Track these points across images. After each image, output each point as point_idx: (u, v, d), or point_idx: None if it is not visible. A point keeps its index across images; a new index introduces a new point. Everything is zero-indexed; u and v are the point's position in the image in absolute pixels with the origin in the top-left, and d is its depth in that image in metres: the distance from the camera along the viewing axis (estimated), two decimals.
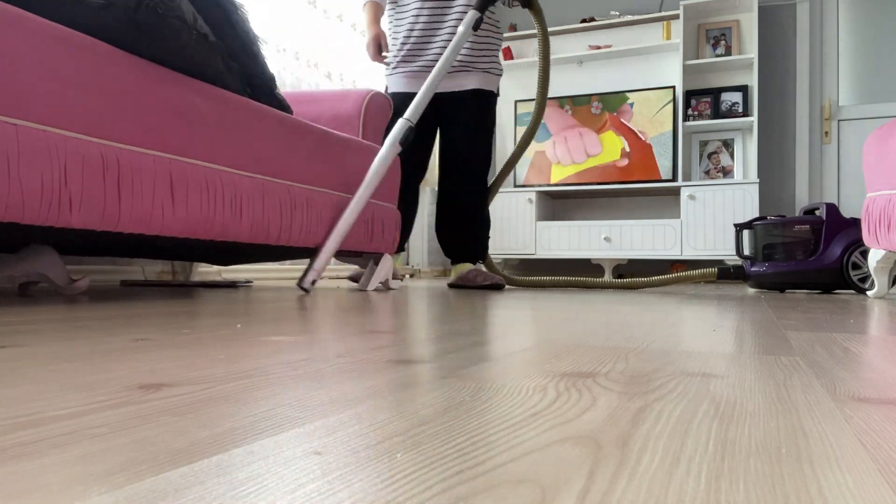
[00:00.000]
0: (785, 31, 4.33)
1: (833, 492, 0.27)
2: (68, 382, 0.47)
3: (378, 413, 0.40)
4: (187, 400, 0.42)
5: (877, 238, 1.95)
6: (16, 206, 1.06)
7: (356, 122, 2.25)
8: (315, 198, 1.86)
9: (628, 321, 1.09)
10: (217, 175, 1.48)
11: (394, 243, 2.32)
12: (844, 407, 0.44)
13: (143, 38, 1.28)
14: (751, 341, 0.82)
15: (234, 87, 1.60)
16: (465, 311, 1.27)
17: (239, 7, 1.71)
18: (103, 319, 0.94)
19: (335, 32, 3.53)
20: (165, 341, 0.71)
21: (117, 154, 1.23)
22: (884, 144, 1.89)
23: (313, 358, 0.61)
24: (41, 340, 0.70)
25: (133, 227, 1.29)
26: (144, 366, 0.55)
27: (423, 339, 0.78)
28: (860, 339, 0.85)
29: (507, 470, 0.29)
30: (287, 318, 1.03)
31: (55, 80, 1.11)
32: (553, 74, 4.81)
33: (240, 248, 1.92)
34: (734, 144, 4.36)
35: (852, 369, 0.60)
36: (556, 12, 4.87)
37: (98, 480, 0.27)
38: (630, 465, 0.30)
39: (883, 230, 1.87)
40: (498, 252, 4.54)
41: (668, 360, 0.63)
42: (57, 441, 0.32)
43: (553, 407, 0.42)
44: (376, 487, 0.26)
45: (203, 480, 0.27)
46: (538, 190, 4.49)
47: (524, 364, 0.60)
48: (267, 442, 0.33)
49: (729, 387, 0.50)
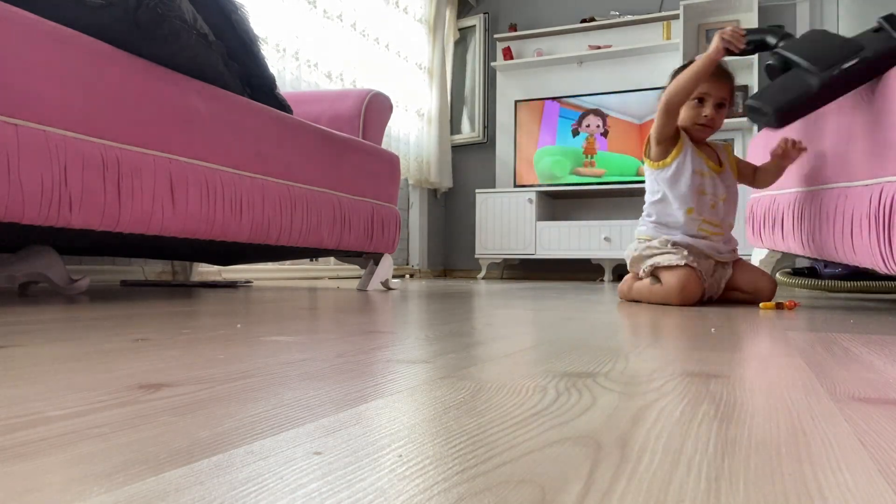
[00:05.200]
0: None
1: (833, 492, 0.27)
2: (68, 382, 0.47)
3: (378, 413, 0.40)
4: (187, 400, 0.42)
5: (760, 237, 1.99)
6: (16, 206, 1.06)
7: (356, 122, 2.25)
8: (315, 198, 1.85)
9: (629, 321, 1.09)
10: (217, 175, 1.48)
11: (394, 243, 2.32)
12: (844, 407, 0.43)
13: (143, 38, 1.28)
14: (750, 342, 0.82)
15: (234, 87, 1.60)
16: (465, 311, 1.27)
17: (239, 7, 1.71)
18: (103, 319, 0.94)
19: (335, 32, 3.53)
20: (165, 341, 0.71)
21: (117, 154, 1.23)
22: (769, 146, 1.91)
23: (313, 358, 0.61)
24: (41, 340, 0.70)
25: (133, 227, 1.29)
26: (144, 366, 0.55)
27: (423, 339, 0.78)
28: (860, 340, 0.85)
29: (507, 470, 0.29)
30: (287, 318, 1.03)
31: (55, 80, 1.11)
32: (553, 74, 4.81)
33: (240, 248, 1.92)
34: (734, 144, 4.36)
35: (852, 369, 0.60)
36: (556, 12, 4.87)
37: (98, 480, 0.27)
38: (630, 465, 0.30)
39: (767, 230, 1.91)
40: (498, 252, 4.54)
41: (668, 360, 0.63)
42: (57, 441, 0.32)
43: (553, 407, 0.42)
44: (376, 487, 0.26)
45: (203, 480, 0.27)
46: (538, 190, 4.49)
47: (524, 364, 0.60)
48: (267, 442, 0.33)
49: (729, 387, 0.50)
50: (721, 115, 1.67)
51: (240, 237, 1.58)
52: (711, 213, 1.68)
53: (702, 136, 1.70)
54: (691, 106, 1.67)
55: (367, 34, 3.87)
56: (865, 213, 1.26)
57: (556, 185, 4.52)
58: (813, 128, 1.60)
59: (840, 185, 1.41)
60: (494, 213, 4.55)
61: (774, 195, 1.88)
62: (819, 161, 1.55)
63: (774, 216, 1.85)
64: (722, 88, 1.65)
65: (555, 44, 4.77)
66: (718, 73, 1.64)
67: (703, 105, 1.66)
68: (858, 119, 1.34)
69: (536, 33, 4.77)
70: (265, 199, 1.64)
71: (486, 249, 4.57)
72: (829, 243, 1.45)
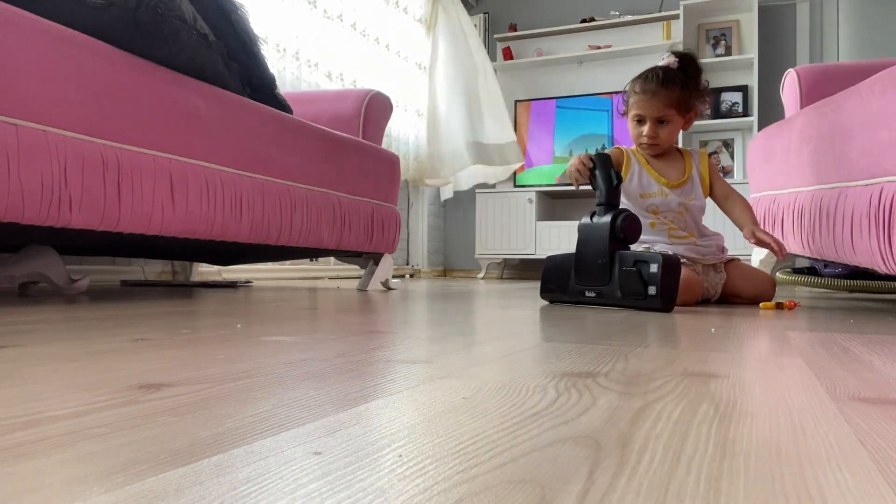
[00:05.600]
0: (785, 31, 4.33)
1: (833, 492, 0.27)
2: (68, 382, 0.47)
3: (378, 413, 0.40)
4: (187, 400, 0.42)
5: None
6: (16, 206, 1.06)
7: (356, 122, 2.25)
8: (315, 198, 1.85)
9: (629, 321, 1.09)
10: (217, 175, 1.48)
11: (394, 243, 2.32)
12: (844, 407, 0.43)
13: (143, 38, 1.28)
14: (750, 342, 0.82)
15: (234, 88, 1.60)
16: (465, 311, 1.27)
17: (239, 7, 1.71)
18: (103, 319, 0.94)
19: (335, 32, 3.53)
20: (165, 341, 0.71)
21: (117, 154, 1.23)
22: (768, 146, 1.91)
23: (313, 358, 0.61)
24: (41, 340, 0.70)
25: (133, 227, 1.29)
26: (144, 366, 0.55)
27: (423, 339, 0.78)
28: (859, 340, 0.85)
29: (508, 470, 0.29)
30: (287, 318, 1.03)
31: (55, 80, 1.11)
32: (553, 74, 4.81)
33: (240, 248, 1.92)
34: (734, 144, 4.36)
35: (852, 369, 0.60)
36: (556, 12, 4.87)
37: (98, 480, 0.27)
38: (630, 465, 0.30)
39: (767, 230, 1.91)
40: (498, 252, 4.54)
41: (668, 360, 0.63)
42: (57, 441, 0.32)
43: (553, 407, 0.42)
44: (376, 487, 0.26)
45: (203, 480, 0.27)
46: (538, 190, 4.49)
47: (524, 364, 0.60)
48: (267, 442, 0.33)
49: (729, 387, 0.50)
50: (667, 128, 1.64)
51: (240, 237, 1.58)
52: (675, 225, 1.67)
53: (651, 152, 1.69)
54: (633, 126, 1.67)
55: (368, 34, 3.87)
56: (865, 212, 1.26)
57: (555, 185, 4.52)
58: (813, 127, 1.60)
59: (840, 185, 1.41)
60: (494, 213, 4.55)
61: (774, 195, 1.88)
62: (819, 161, 1.55)
63: (774, 216, 1.86)
64: (654, 107, 1.62)
65: (555, 44, 4.78)
66: (649, 90, 1.62)
67: (642, 125, 1.65)
68: (858, 119, 1.34)
69: (536, 33, 4.77)
70: (265, 199, 1.64)
71: (487, 249, 4.57)
72: (829, 243, 1.45)
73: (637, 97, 1.64)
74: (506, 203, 4.52)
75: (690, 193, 1.70)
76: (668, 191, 1.68)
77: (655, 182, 1.69)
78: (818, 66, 2.15)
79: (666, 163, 1.72)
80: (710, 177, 1.73)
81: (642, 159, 1.72)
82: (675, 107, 1.63)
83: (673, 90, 1.61)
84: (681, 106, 1.64)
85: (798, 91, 2.08)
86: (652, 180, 1.69)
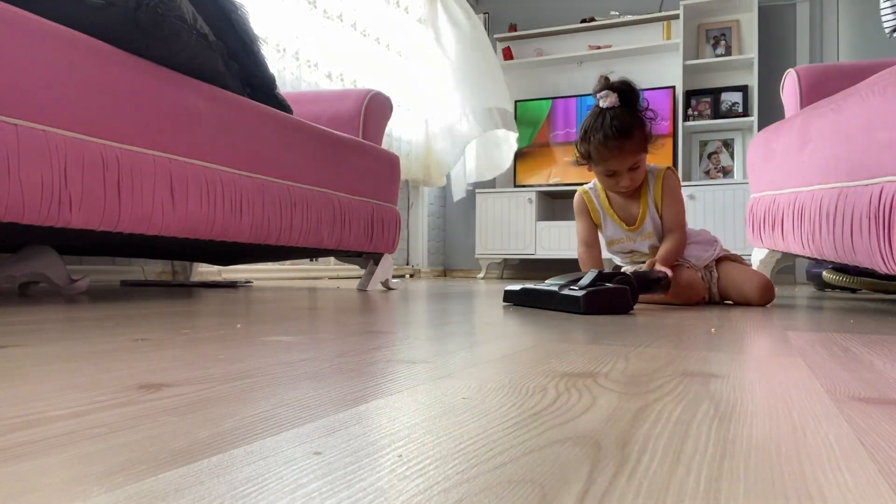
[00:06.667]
0: (785, 31, 4.33)
1: (833, 491, 0.27)
2: (68, 382, 0.47)
3: (378, 413, 0.40)
4: (187, 400, 0.42)
5: (760, 237, 1.98)
6: (16, 206, 1.06)
7: (356, 122, 2.25)
8: (315, 198, 1.85)
9: (629, 321, 1.09)
10: (217, 175, 1.48)
11: (394, 243, 2.32)
12: (844, 407, 0.43)
13: (143, 38, 1.28)
14: (750, 342, 0.82)
15: (234, 87, 1.60)
16: (465, 311, 1.27)
17: (239, 7, 1.71)
18: (103, 319, 0.94)
19: (335, 32, 3.53)
20: (165, 341, 0.71)
21: (117, 154, 1.23)
22: (768, 146, 1.90)
23: (313, 358, 0.61)
24: (41, 340, 0.70)
25: (133, 227, 1.29)
26: (144, 366, 0.55)
27: (423, 339, 0.78)
28: (859, 340, 0.85)
29: (508, 470, 0.29)
30: (287, 318, 1.03)
31: (55, 79, 1.11)
32: (553, 74, 4.82)
33: (240, 248, 1.92)
34: (734, 144, 4.36)
35: (852, 369, 0.60)
36: (556, 12, 4.87)
37: (98, 480, 0.27)
38: (630, 465, 0.30)
39: (766, 230, 1.91)
40: (498, 252, 4.54)
41: (668, 360, 0.63)
42: (57, 441, 0.32)
43: (553, 407, 0.42)
44: (376, 487, 0.26)
45: (203, 480, 0.27)
46: (538, 190, 4.49)
47: (524, 364, 0.60)
48: (267, 442, 0.33)
49: (729, 387, 0.50)
50: (640, 169, 1.60)
51: (240, 237, 1.58)
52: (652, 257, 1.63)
53: (627, 195, 1.67)
54: (605, 178, 1.63)
55: (368, 34, 3.87)
56: (865, 212, 1.26)
57: (556, 185, 4.52)
58: (813, 127, 1.60)
59: (840, 184, 1.41)
60: (494, 213, 4.55)
61: (774, 195, 1.88)
62: (819, 161, 1.55)
63: (774, 216, 1.86)
64: (625, 161, 1.56)
65: (555, 44, 4.78)
66: (613, 147, 1.54)
67: (615, 177, 1.60)
68: (858, 119, 1.34)
69: (536, 33, 4.77)
70: (265, 199, 1.64)
71: (486, 249, 4.57)
72: (829, 243, 1.45)
73: (602, 155, 1.57)
74: (506, 203, 4.52)
75: (650, 228, 1.67)
76: (633, 235, 1.69)
77: (619, 228, 1.70)
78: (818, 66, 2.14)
79: (625, 199, 1.68)
80: (662, 201, 1.66)
81: (605, 202, 1.71)
82: (642, 149, 1.59)
83: (634, 135, 1.55)
84: (644, 144, 1.59)
85: (798, 91, 2.08)
86: (616, 227, 1.70)
